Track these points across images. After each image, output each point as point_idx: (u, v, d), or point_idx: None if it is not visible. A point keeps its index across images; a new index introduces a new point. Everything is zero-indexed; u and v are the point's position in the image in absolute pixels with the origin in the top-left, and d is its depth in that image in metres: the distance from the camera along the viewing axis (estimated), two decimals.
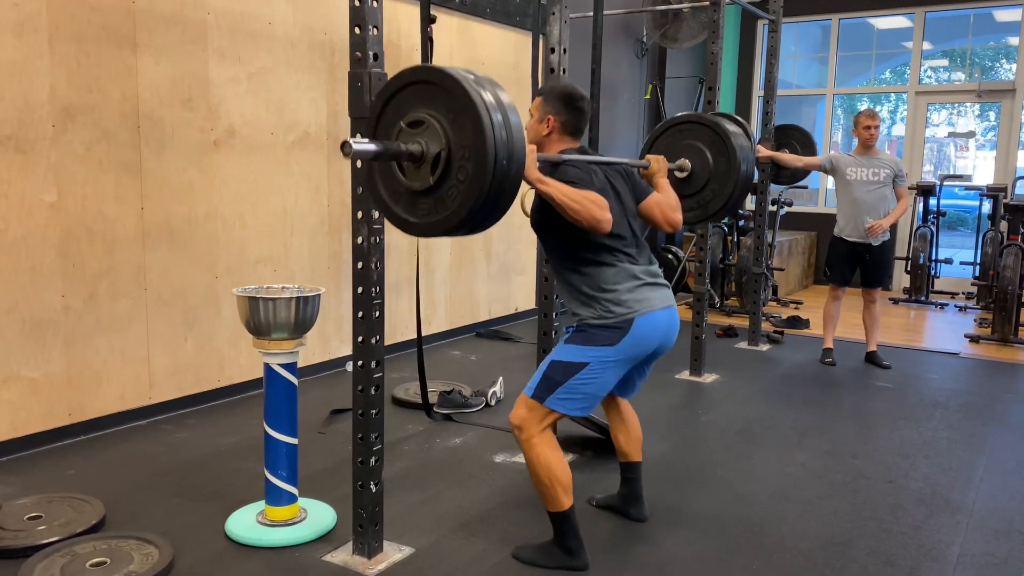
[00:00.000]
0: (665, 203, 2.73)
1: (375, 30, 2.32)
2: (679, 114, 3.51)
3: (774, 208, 7.25)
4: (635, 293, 2.48)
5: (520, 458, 3.45)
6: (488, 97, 1.90)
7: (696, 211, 3.25)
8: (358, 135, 2.10)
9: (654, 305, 2.50)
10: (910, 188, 7.95)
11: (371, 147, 1.94)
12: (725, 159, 3.17)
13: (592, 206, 2.33)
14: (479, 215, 1.95)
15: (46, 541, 2.54)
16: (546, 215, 2.47)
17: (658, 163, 2.87)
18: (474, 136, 1.87)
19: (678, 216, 2.76)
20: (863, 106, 8.63)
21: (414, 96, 1.98)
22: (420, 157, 1.95)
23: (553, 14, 3.27)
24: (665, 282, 2.62)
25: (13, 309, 3.30)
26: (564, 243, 2.52)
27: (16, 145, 3.25)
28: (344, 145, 1.88)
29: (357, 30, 2.32)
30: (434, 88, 1.94)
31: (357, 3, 2.30)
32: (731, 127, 3.21)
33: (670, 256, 7.82)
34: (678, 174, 3.20)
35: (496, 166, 1.87)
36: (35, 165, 3.32)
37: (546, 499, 2.51)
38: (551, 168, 2.48)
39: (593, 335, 2.46)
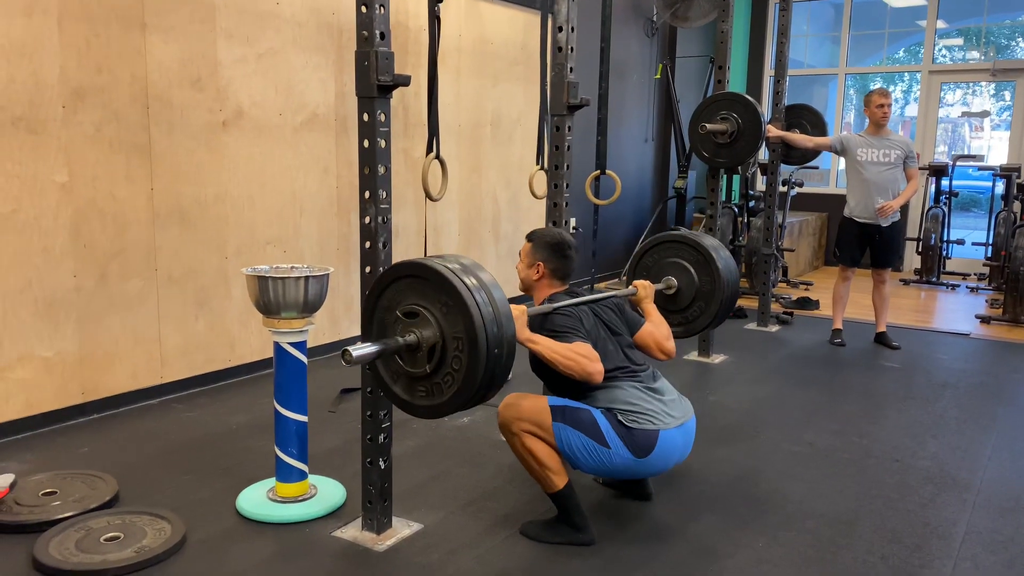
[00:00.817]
0: (658, 333, 2.85)
1: (381, 8, 2.31)
2: (662, 232, 3.57)
3: (784, 189, 7.21)
4: (652, 405, 2.51)
5: None
6: (472, 281, 1.98)
7: (682, 327, 3.31)
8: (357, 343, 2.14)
9: (669, 423, 2.51)
10: (922, 168, 7.91)
11: (371, 350, 2.04)
12: (710, 278, 3.24)
13: (583, 360, 2.39)
14: (474, 399, 2.03)
15: (61, 516, 2.59)
16: (542, 364, 2.51)
17: (645, 289, 2.98)
18: (466, 329, 1.95)
19: (671, 344, 2.88)
20: (875, 85, 8.56)
21: (408, 288, 2.07)
22: (417, 347, 2.04)
23: None
24: (676, 394, 2.65)
25: (26, 289, 3.33)
26: (565, 383, 2.56)
27: (27, 126, 3.27)
28: (344, 354, 1.97)
29: (364, 9, 2.31)
30: (425, 282, 2.02)
31: None
32: (709, 242, 3.28)
33: None
34: (665, 292, 3.27)
35: (489, 355, 1.95)
36: (46, 146, 3.34)
37: (540, 483, 2.55)
38: (541, 319, 2.53)
39: (624, 434, 2.45)
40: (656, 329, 2.85)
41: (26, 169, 3.28)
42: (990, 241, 7.62)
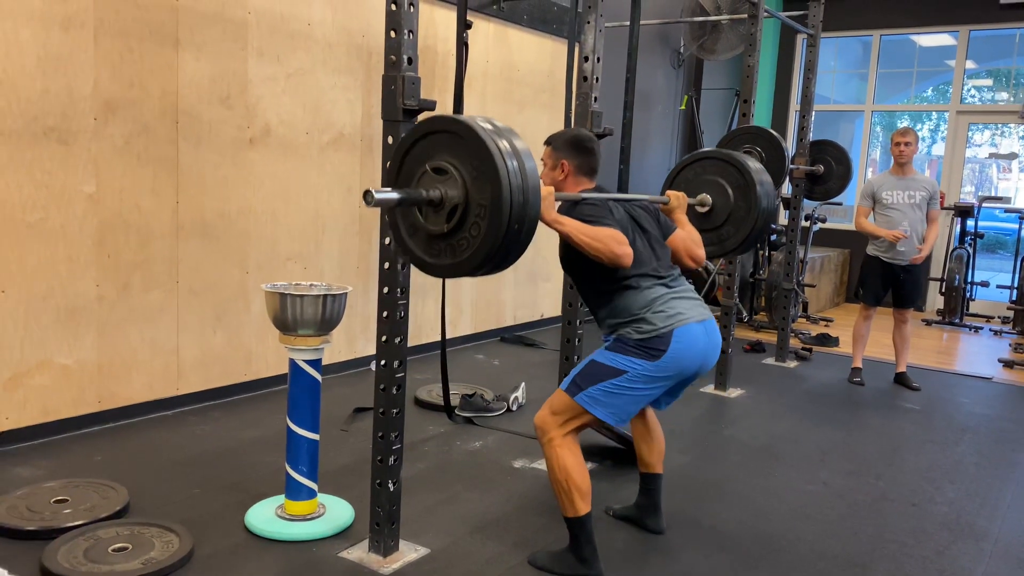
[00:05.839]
0: (688, 239, 2.79)
1: (410, 34, 2.35)
2: (702, 149, 3.45)
3: (807, 224, 7.18)
4: (668, 306, 2.48)
5: (540, 464, 3.46)
6: (505, 145, 1.95)
7: (714, 247, 3.25)
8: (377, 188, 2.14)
9: (690, 316, 2.48)
10: (948, 208, 7.86)
11: (393, 196, 2.02)
12: (747, 204, 3.16)
13: (611, 241, 2.36)
14: (491, 264, 2.02)
15: (71, 525, 2.60)
16: (571, 253, 2.50)
17: (677, 199, 2.91)
18: (491, 199, 1.92)
19: (701, 252, 2.82)
20: (902, 124, 8.54)
21: (443, 143, 2.04)
22: (439, 203, 2.02)
23: (588, 22, 3.28)
24: (698, 297, 2.61)
25: (49, 296, 3.37)
26: (593, 277, 2.54)
27: (59, 137, 3.33)
28: (367, 194, 1.96)
29: (393, 34, 2.35)
30: (462, 142, 1.99)
31: (393, 7, 2.33)
32: (753, 164, 3.19)
33: (700, 269, 7.77)
34: (698, 209, 3.21)
35: (508, 230, 1.93)
36: (76, 157, 3.39)
37: (563, 503, 2.50)
38: (570, 207, 2.51)
39: (632, 349, 2.45)
40: (687, 235, 2.80)
41: (55, 179, 3.34)
42: (1015, 284, 7.52)
